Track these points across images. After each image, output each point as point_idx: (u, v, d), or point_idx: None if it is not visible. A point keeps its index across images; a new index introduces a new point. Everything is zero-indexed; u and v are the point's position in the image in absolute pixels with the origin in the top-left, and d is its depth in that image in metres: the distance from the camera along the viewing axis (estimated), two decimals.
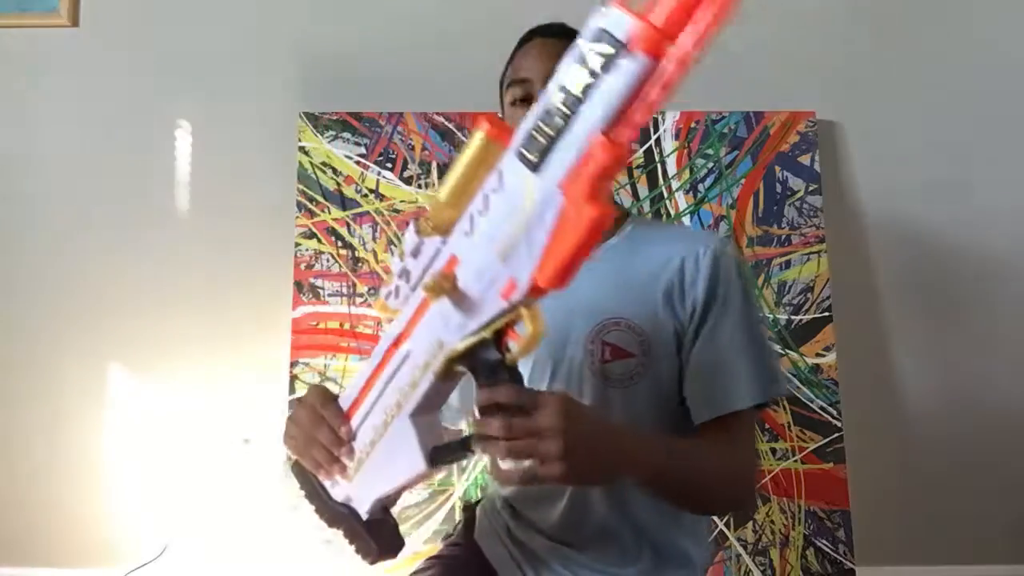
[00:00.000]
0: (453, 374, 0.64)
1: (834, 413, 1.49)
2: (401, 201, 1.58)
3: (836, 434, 1.48)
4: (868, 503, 1.50)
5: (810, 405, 1.49)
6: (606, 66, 0.50)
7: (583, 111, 0.51)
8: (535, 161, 0.54)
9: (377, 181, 1.58)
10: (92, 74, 1.66)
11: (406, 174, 1.58)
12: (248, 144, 1.64)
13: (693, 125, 1.58)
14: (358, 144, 1.59)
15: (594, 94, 0.51)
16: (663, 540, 0.89)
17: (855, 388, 1.55)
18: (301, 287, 1.54)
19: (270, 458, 1.50)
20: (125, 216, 1.62)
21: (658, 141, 1.58)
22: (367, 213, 1.57)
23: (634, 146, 1.58)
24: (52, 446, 1.56)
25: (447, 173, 0.60)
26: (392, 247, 1.56)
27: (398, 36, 1.64)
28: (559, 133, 0.53)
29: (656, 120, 1.59)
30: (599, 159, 0.51)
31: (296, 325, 1.52)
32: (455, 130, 1.59)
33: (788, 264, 1.53)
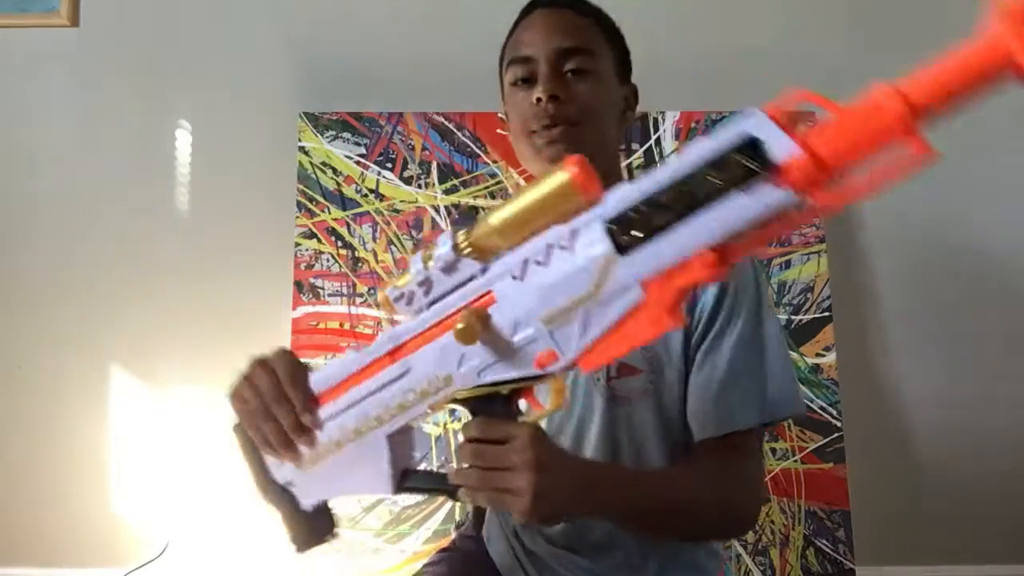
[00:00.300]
0: (446, 407, 0.61)
1: (834, 413, 1.49)
2: (401, 201, 1.58)
3: (836, 434, 1.48)
4: (868, 503, 1.50)
5: (810, 405, 1.49)
6: (745, 184, 0.44)
7: (700, 218, 0.46)
8: (625, 244, 0.48)
9: (377, 181, 1.58)
10: (92, 74, 1.66)
11: (406, 174, 1.58)
12: (248, 144, 1.64)
13: (693, 125, 1.58)
14: (358, 144, 1.59)
15: (719, 206, 0.45)
16: (671, 548, 0.85)
17: (855, 388, 1.55)
18: (301, 287, 1.54)
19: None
20: (125, 216, 1.62)
21: (658, 141, 1.58)
22: (367, 213, 1.57)
23: (634, 146, 1.58)
24: (52, 446, 1.57)
25: (511, 198, 0.53)
26: (392, 245, 1.56)
27: (398, 36, 1.64)
28: (664, 229, 0.47)
29: (656, 120, 1.59)
30: (697, 274, 0.47)
31: (296, 325, 1.52)
32: (455, 130, 1.59)
33: (788, 264, 1.53)
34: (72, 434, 1.57)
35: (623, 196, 0.49)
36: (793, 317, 1.52)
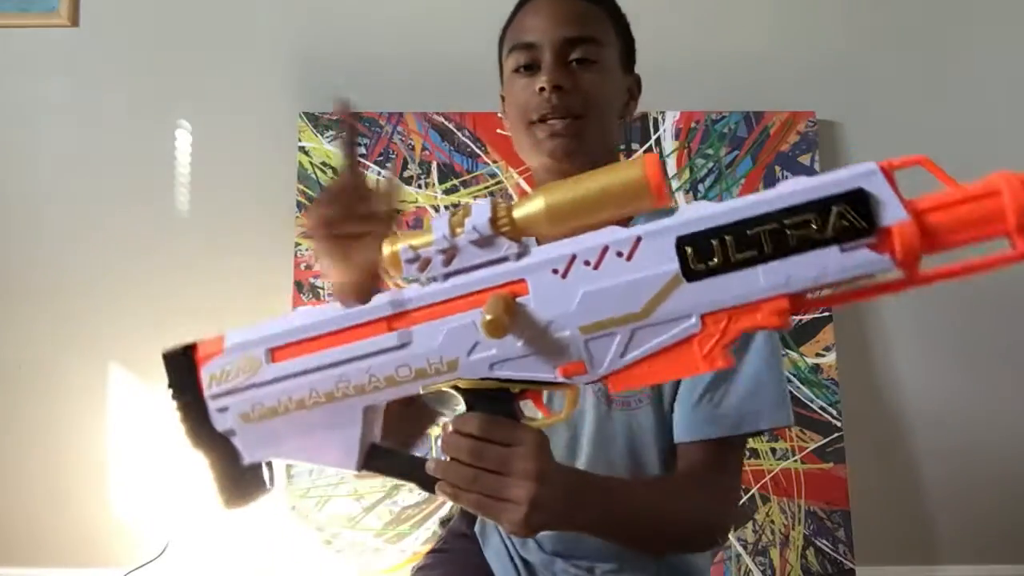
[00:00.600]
0: (442, 393, 0.54)
1: (834, 413, 1.49)
2: (401, 201, 1.57)
3: (836, 434, 1.48)
4: (868, 503, 1.50)
5: (810, 405, 1.49)
6: (844, 241, 0.41)
7: (786, 262, 0.43)
8: (696, 270, 0.44)
9: (377, 181, 1.58)
10: (92, 74, 1.66)
11: (406, 174, 1.58)
12: (248, 144, 1.64)
13: (693, 125, 1.58)
14: (358, 144, 1.59)
15: (810, 257, 0.42)
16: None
17: (855, 388, 1.55)
18: (301, 287, 1.54)
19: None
20: (125, 216, 1.62)
21: (658, 141, 1.58)
22: None
23: (634, 146, 1.59)
24: (53, 446, 1.57)
25: (567, 181, 0.48)
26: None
27: (398, 36, 1.64)
28: (744, 265, 0.43)
29: (656, 120, 1.59)
30: (764, 319, 0.44)
31: None
32: (455, 130, 1.59)
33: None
34: (72, 434, 1.56)
35: (703, 215, 0.45)
36: (793, 317, 1.52)
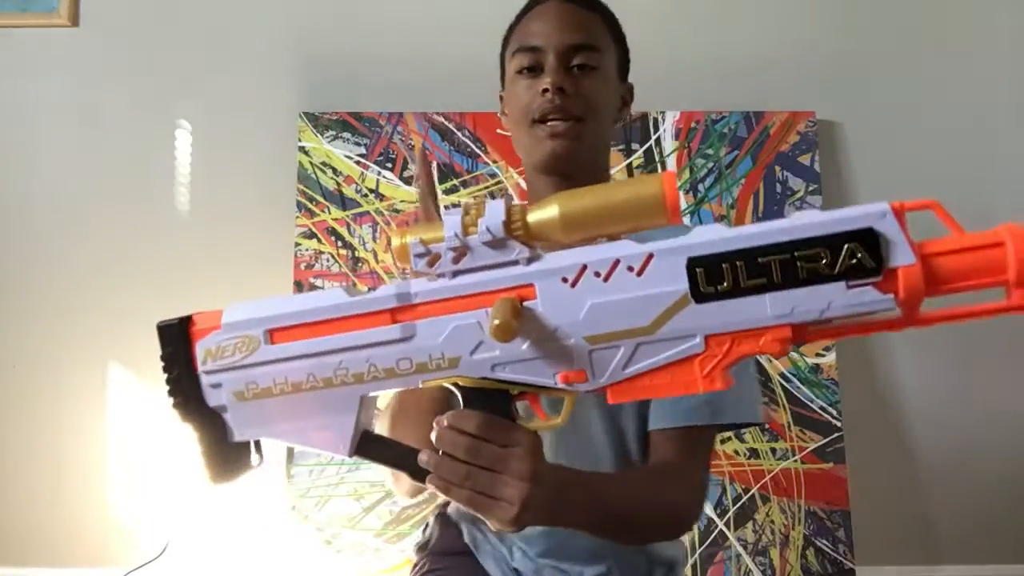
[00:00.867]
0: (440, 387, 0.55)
1: (834, 413, 1.49)
2: (401, 201, 1.58)
3: (836, 434, 1.48)
4: (868, 503, 1.50)
5: (810, 405, 1.49)
6: (852, 279, 0.43)
7: (794, 293, 0.44)
8: (705, 292, 0.46)
9: (377, 181, 1.58)
10: (92, 74, 1.66)
11: (406, 174, 1.59)
12: (248, 144, 1.64)
13: (693, 125, 1.59)
14: (358, 144, 1.59)
15: (817, 290, 0.43)
16: (657, 548, 0.89)
17: (855, 388, 1.55)
18: (301, 287, 1.54)
19: (270, 457, 1.49)
20: (125, 216, 1.62)
21: (658, 141, 1.58)
22: (367, 213, 1.57)
23: (634, 146, 1.59)
24: (52, 446, 1.56)
25: (584, 191, 0.49)
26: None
27: (398, 36, 1.64)
28: (753, 291, 0.45)
29: (656, 120, 1.59)
30: (766, 346, 0.45)
31: None
32: (455, 130, 1.59)
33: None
34: (71, 434, 1.56)
35: (715, 238, 0.46)
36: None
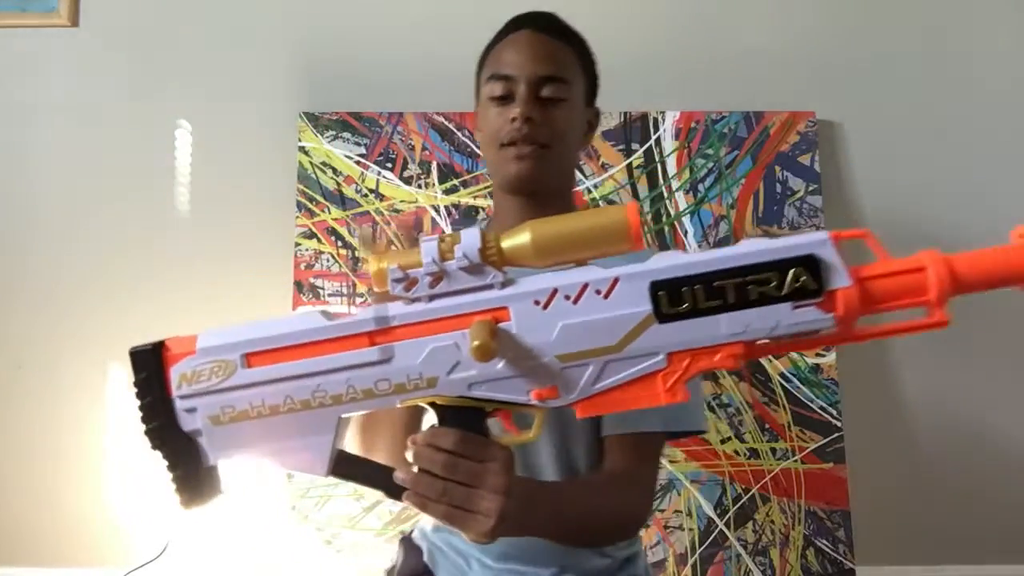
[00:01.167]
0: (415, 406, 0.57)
1: (834, 413, 1.49)
2: (401, 201, 1.58)
3: (836, 434, 1.48)
4: (868, 503, 1.50)
5: (810, 405, 1.49)
6: (797, 300, 0.48)
7: (746, 313, 0.49)
8: (666, 313, 0.50)
9: (377, 181, 1.58)
10: (92, 74, 1.66)
11: (406, 174, 1.58)
12: (248, 144, 1.64)
13: (693, 125, 1.58)
14: (358, 144, 1.59)
15: (767, 311, 0.48)
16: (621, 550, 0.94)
17: (855, 388, 1.55)
18: (301, 287, 1.54)
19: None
20: (125, 216, 1.62)
21: (658, 141, 1.58)
22: (367, 213, 1.57)
23: (634, 146, 1.59)
24: (52, 446, 1.56)
25: (555, 219, 0.52)
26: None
27: (398, 36, 1.64)
28: (710, 312, 0.49)
29: (656, 120, 1.59)
30: (721, 362, 0.49)
31: None
32: (455, 130, 1.59)
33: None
34: (72, 434, 1.56)
35: (675, 264, 0.50)
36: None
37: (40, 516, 1.55)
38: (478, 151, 1.58)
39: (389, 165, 1.59)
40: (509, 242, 0.52)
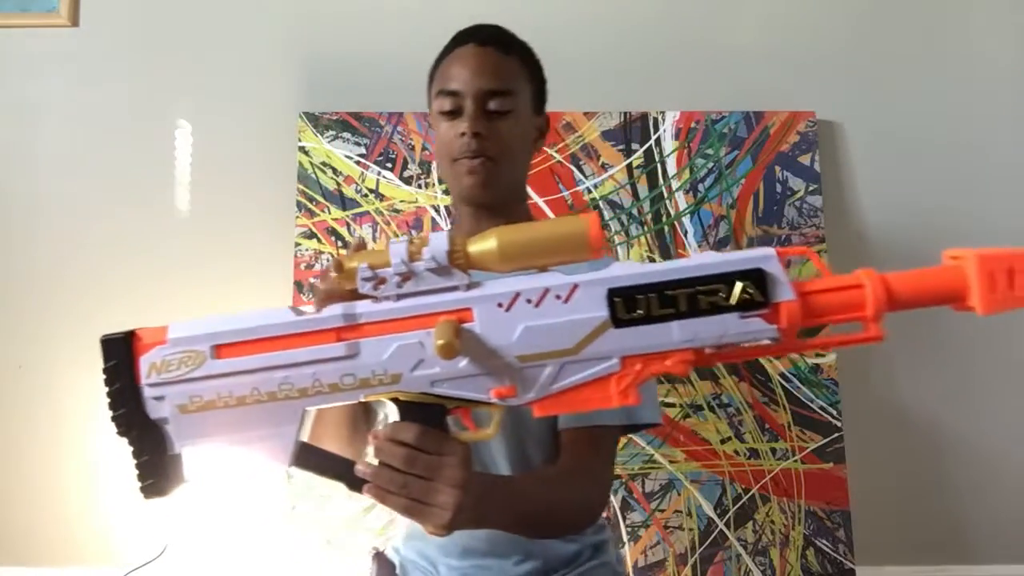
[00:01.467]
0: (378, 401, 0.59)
1: (834, 413, 1.49)
2: (401, 201, 1.58)
3: (836, 434, 1.48)
4: (868, 503, 1.50)
5: (810, 405, 1.49)
6: (744, 310, 0.51)
7: (696, 321, 0.51)
8: (622, 318, 0.52)
9: (377, 181, 1.58)
10: (92, 74, 1.66)
11: (406, 174, 1.58)
12: (248, 144, 1.64)
13: (693, 125, 1.58)
14: (358, 144, 1.59)
15: (716, 318, 0.51)
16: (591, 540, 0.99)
17: (855, 388, 1.55)
18: (301, 287, 1.54)
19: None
20: (125, 216, 1.62)
21: (658, 141, 1.58)
22: (367, 213, 1.57)
23: (634, 146, 1.59)
24: (52, 446, 1.56)
25: (520, 227, 0.55)
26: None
27: (398, 36, 1.64)
28: (663, 319, 0.52)
29: (656, 120, 1.59)
30: (672, 367, 0.52)
31: None
32: None
33: (788, 264, 1.53)
34: (72, 434, 1.56)
35: (632, 273, 0.53)
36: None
37: (40, 516, 1.55)
38: None
39: (389, 165, 1.59)
40: (476, 247, 0.55)
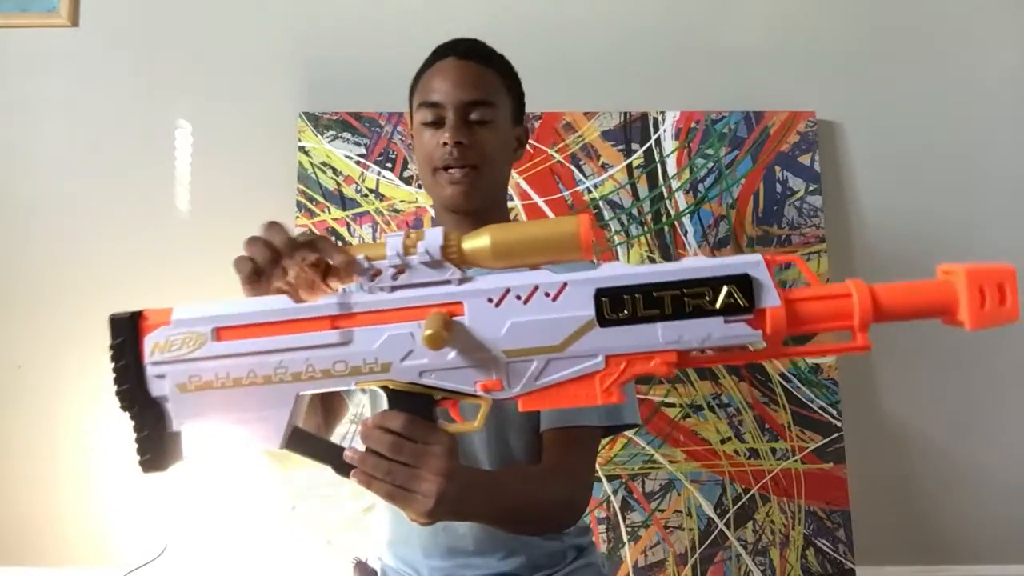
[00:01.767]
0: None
1: (834, 413, 1.49)
2: (401, 201, 1.58)
3: (836, 434, 1.48)
4: (868, 503, 1.50)
5: (810, 405, 1.49)
6: (728, 315, 0.51)
7: (681, 323, 0.52)
8: (608, 318, 0.53)
9: (377, 181, 1.58)
10: (92, 74, 1.66)
11: (406, 174, 1.58)
12: (248, 144, 1.64)
13: (693, 125, 1.58)
14: (358, 144, 1.59)
15: (701, 321, 0.52)
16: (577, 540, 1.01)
17: (855, 388, 1.55)
18: None
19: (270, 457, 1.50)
20: (125, 216, 1.62)
21: (658, 141, 1.58)
22: (367, 213, 1.57)
23: (634, 146, 1.59)
24: (52, 446, 1.56)
25: (513, 225, 0.56)
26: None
27: (398, 36, 1.64)
28: (648, 320, 0.53)
29: (656, 120, 1.59)
30: (655, 367, 0.53)
31: None
32: None
33: (788, 264, 1.53)
34: (71, 434, 1.56)
35: (620, 274, 0.54)
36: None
37: (40, 516, 1.55)
38: None
39: (389, 165, 1.59)
40: (470, 243, 0.56)
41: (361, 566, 1.03)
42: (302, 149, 1.59)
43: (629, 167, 1.58)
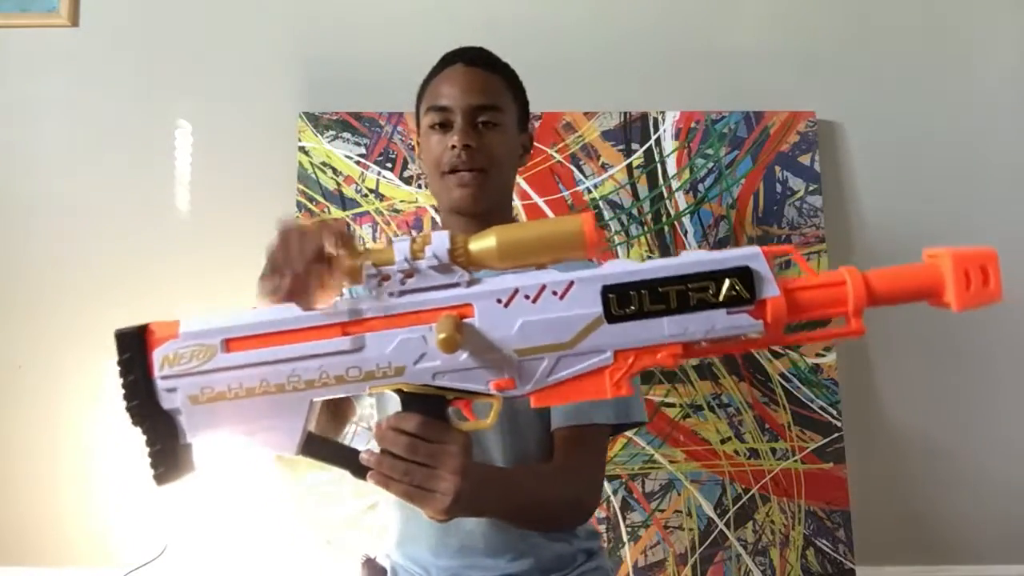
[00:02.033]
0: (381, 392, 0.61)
1: (834, 413, 1.49)
2: (401, 201, 1.58)
3: (836, 434, 1.48)
4: (868, 503, 1.50)
5: (810, 405, 1.49)
6: (731, 306, 0.53)
7: (685, 316, 0.53)
8: (615, 314, 0.54)
9: (377, 181, 1.58)
10: (92, 74, 1.66)
11: (406, 174, 1.58)
12: (248, 144, 1.64)
13: (693, 125, 1.58)
14: (358, 144, 1.59)
15: (704, 315, 0.53)
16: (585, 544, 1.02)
17: (855, 388, 1.55)
18: None
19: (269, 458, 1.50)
20: (125, 216, 1.62)
21: (658, 141, 1.58)
22: (367, 213, 1.57)
23: (634, 146, 1.59)
24: (52, 446, 1.56)
25: (518, 225, 0.57)
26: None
27: (398, 36, 1.64)
28: (654, 314, 0.54)
29: (656, 120, 1.59)
30: (662, 360, 0.54)
31: None
32: None
33: (788, 264, 1.53)
34: (71, 434, 1.56)
35: (624, 270, 0.55)
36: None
37: (40, 516, 1.55)
38: None
39: (389, 165, 1.59)
40: (476, 245, 0.57)
41: (370, 563, 1.03)
42: (302, 149, 1.59)
43: (629, 167, 1.58)
